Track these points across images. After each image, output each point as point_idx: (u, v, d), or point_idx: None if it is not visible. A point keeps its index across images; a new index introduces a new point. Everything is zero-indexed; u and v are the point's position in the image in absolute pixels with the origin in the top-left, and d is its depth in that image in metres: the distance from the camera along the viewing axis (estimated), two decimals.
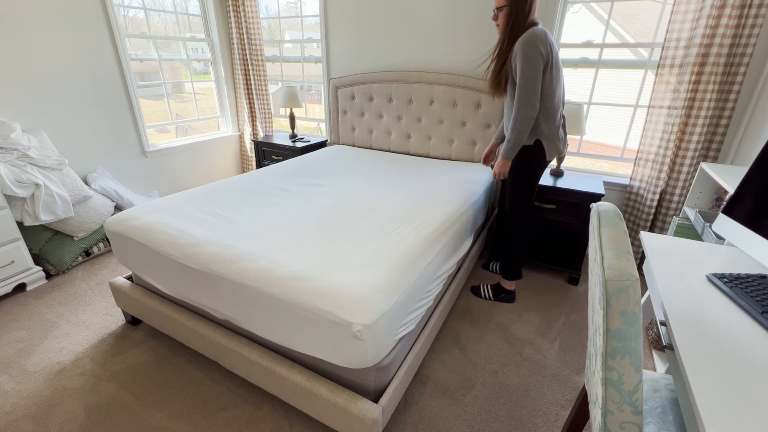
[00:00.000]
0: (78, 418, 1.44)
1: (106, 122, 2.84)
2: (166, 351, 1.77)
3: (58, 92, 2.55)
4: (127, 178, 3.07)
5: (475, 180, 2.34)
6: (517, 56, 1.65)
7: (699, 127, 2.07)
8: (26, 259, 2.18)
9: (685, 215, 1.95)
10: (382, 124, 3.05)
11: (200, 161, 3.63)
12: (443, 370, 1.69)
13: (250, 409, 1.49)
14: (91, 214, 2.51)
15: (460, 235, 1.87)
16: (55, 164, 2.34)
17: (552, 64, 1.68)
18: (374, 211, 1.81)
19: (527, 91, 1.66)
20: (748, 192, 0.99)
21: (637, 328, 0.63)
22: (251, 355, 1.41)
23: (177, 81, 3.79)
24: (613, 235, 0.71)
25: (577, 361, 1.75)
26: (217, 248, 1.43)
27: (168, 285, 1.57)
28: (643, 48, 2.36)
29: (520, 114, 1.69)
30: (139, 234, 1.60)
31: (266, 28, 3.76)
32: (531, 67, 1.63)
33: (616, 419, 0.69)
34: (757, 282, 0.90)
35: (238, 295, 1.32)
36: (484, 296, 2.20)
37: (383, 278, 1.24)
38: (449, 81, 2.66)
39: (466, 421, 1.45)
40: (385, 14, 2.83)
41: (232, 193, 2.01)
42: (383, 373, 1.28)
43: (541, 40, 1.62)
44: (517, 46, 1.65)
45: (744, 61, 1.91)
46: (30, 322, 1.96)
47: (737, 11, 1.83)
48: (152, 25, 3.12)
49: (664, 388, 0.96)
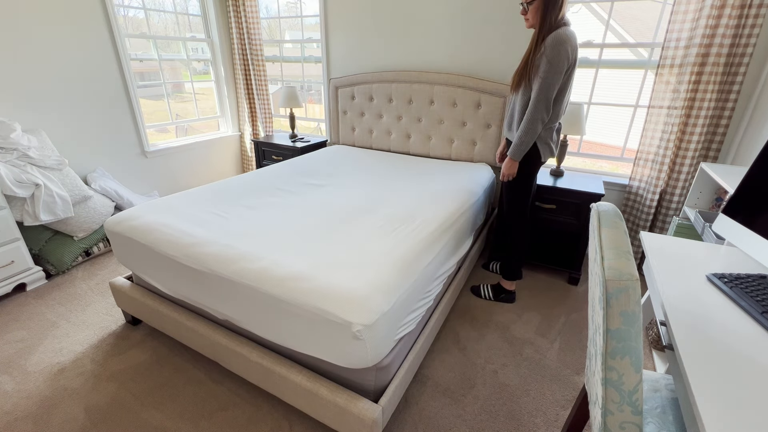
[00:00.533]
0: (78, 418, 1.44)
1: (106, 122, 2.84)
2: (166, 351, 1.77)
3: (58, 92, 2.55)
4: (127, 178, 3.07)
5: (475, 180, 2.34)
6: (544, 56, 1.58)
7: (699, 127, 2.07)
8: (26, 259, 2.18)
9: (685, 215, 1.95)
10: (382, 124, 3.05)
11: (200, 161, 3.63)
12: (443, 370, 1.69)
13: (250, 409, 1.49)
14: (91, 214, 2.51)
15: (460, 235, 1.87)
16: (55, 164, 2.34)
17: (571, 69, 1.64)
18: (374, 211, 1.81)
19: (546, 93, 1.61)
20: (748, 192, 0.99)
21: (637, 328, 0.63)
22: (251, 355, 1.41)
23: (177, 81, 3.79)
24: (613, 235, 0.71)
25: (577, 361, 1.75)
26: (217, 248, 1.43)
27: (168, 285, 1.57)
28: (643, 48, 2.36)
29: (535, 116, 1.65)
30: (139, 234, 1.60)
31: (266, 28, 3.76)
32: (554, 70, 1.58)
33: (616, 419, 0.69)
34: (757, 282, 0.90)
35: (238, 295, 1.32)
36: (485, 296, 2.20)
37: (383, 278, 1.24)
38: (449, 81, 2.66)
39: (466, 421, 1.45)
40: (385, 14, 2.83)
41: (232, 193, 2.01)
42: (383, 373, 1.28)
43: (570, 43, 1.57)
44: (546, 45, 1.58)
45: (744, 61, 1.90)
46: (30, 322, 1.96)
47: (737, 11, 1.83)
48: (152, 25, 3.12)
49: (664, 388, 0.96)
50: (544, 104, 1.64)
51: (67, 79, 2.58)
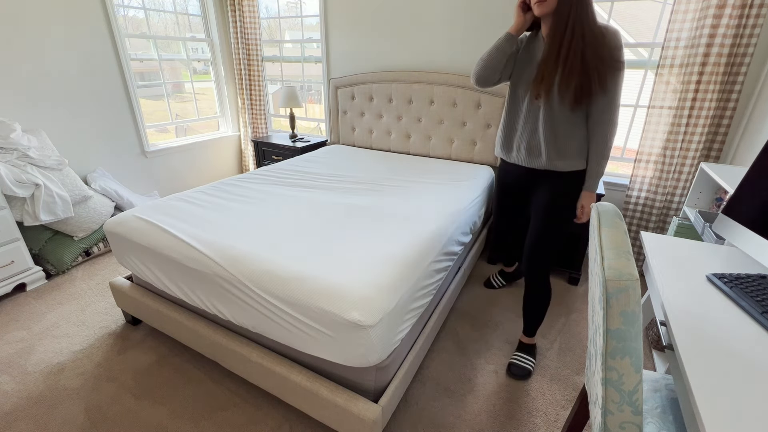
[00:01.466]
0: (78, 418, 1.44)
1: (106, 122, 2.84)
2: (166, 351, 1.77)
3: (58, 92, 2.55)
4: (127, 178, 3.07)
5: (475, 180, 2.34)
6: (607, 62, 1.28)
7: (700, 127, 2.07)
8: (26, 259, 2.18)
9: (685, 215, 1.95)
10: (382, 124, 3.05)
11: (200, 161, 3.63)
12: (443, 370, 1.69)
13: (250, 409, 1.49)
14: (91, 214, 2.51)
15: (460, 234, 1.87)
16: (55, 164, 2.34)
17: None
18: (374, 211, 1.81)
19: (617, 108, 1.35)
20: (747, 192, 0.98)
21: (637, 328, 0.63)
22: (251, 355, 1.41)
23: (177, 81, 3.79)
24: (613, 235, 0.71)
25: (577, 361, 1.75)
26: (218, 249, 1.43)
27: (168, 285, 1.57)
28: (643, 48, 2.36)
29: (611, 139, 1.38)
30: (139, 235, 1.60)
31: (266, 28, 3.76)
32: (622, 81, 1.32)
33: (616, 419, 0.69)
34: (757, 282, 0.90)
35: (240, 295, 1.32)
36: (497, 285, 2.26)
37: (385, 278, 1.24)
38: (449, 81, 2.66)
39: (466, 421, 1.45)
40: (385, 14, 2.83)
41: (232, 193, 2.01)
42: (383, 373, 1.28)
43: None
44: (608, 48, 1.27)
45: (745, 60, 1.90)
46: (30, 322, 1.96)
47: (738, 11, 1.83)
48: (152, 25, 3.12)
49: (664, 388, 0.96)
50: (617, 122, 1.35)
51: (67, 79, 2.58)
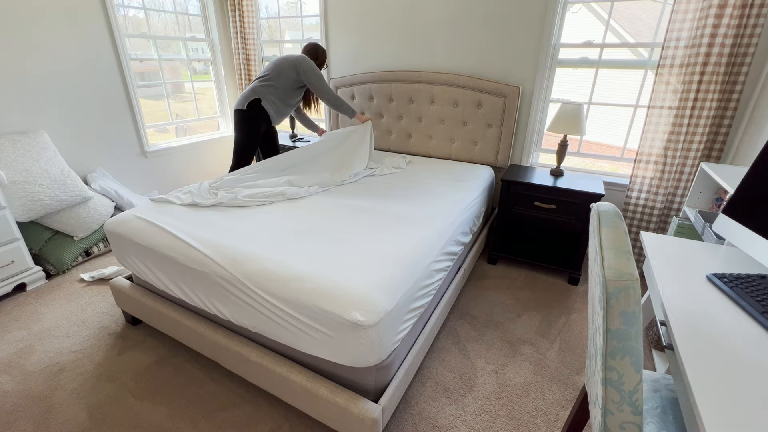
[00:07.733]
0: (78, 418, 1.44)
1: (106, 122, 2.84)
2: (166, 351, 1.77)
3: (58, 92, 2.55)
4: (127, 178, 3.07)
5: (475, 180, 2.34)
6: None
7: (701, 127, 2.06)
8: (26, 259, 2.18)
9: (685, 215, 1.95)
10: (382, 124, 3.05)
11: (200, 161, 3.63)
12: (443, 370, 1.69)
13: (250, 409, 1.49)
14: (91, 214, 2.51)
15: (460, 234, 1.87)
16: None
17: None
18: (375, 211, 1.81)
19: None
20: (748, 192, 0.98)
21: (637, 328, 0.63)
22: (251, 355, 1.41)
23: (177, 81, 3.79)
24: (613, 235, 0.71)
25: (577, 361, 1.75)
26: (218, 249, 1.43)
27: (168, 285, 1.57)
28: (643, 48, 2.36)
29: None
30: (138, 235, 1.60)
31: (266, 28, 3.76)
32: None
33: (616, 419, 0.69)
34: (757, 282, 0.90)
35: (240, 295, 1.32)
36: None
37: (385, 278, 1.24)
38: (450, 81, 2.66)
39: (466, 422, 1.45)
40: (385, 14, 2.83)
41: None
42: (383, 373, 1.28)
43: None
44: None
45: (746, 61, 1.90)
46: (30, 322, 1.96)
47: (738, 11, 1.83)
48: (152, 25, 3.12)
49: (664, 388, 0.96)
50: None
51: (68, 79, 2.58)
